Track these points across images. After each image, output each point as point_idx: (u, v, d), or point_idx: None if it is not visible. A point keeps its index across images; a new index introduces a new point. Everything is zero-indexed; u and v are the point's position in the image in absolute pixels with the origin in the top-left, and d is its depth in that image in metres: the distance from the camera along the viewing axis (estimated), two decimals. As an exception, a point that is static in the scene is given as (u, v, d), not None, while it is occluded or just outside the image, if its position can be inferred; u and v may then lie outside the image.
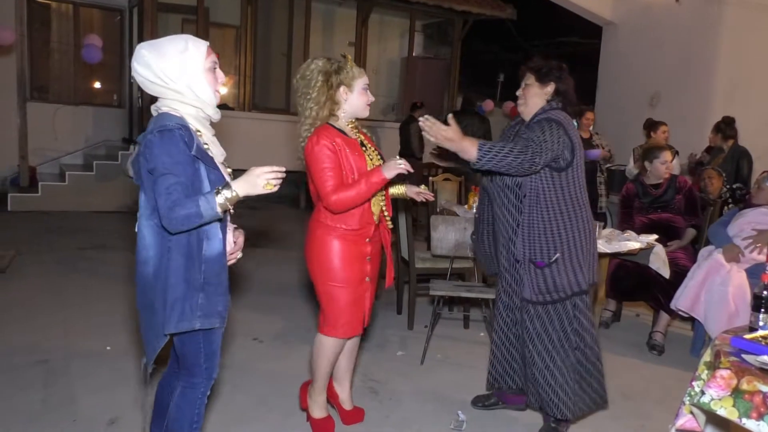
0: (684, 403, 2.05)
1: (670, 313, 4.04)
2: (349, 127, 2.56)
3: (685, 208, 4.30)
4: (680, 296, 3.89)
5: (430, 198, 2.83)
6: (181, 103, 1.91)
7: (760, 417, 1.70)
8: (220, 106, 2.04)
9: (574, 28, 12.07)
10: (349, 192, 2.39)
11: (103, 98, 9.45)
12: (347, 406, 2.82)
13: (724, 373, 1.82)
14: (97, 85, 9.50)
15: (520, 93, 2.74)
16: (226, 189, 1.82)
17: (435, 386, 3.32)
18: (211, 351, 2.00)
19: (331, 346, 2.59)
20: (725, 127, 5.72)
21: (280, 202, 9.62)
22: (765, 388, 1.72)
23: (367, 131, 2.67)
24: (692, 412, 2.03)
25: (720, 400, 1.79)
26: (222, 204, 1.80)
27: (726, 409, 1.77)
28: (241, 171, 1.95)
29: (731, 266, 3.79)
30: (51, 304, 4.25)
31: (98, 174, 7.98)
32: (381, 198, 2.60)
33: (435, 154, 2.75)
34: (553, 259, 2.59)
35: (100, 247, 5.99)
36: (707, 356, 2.03)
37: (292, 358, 3.57)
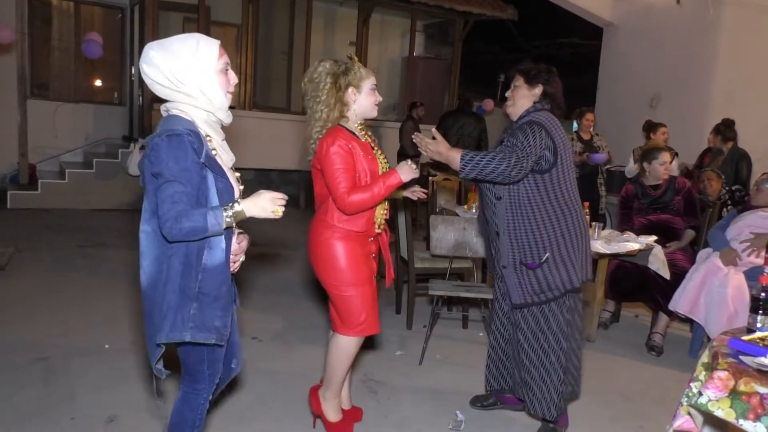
0: (682, 404, 2.06)
1: (669, 314, 4.05)
2: (359, 129, 2.56)
3: (684, 210, 4.31)
4: (679, 299, 3.90)
5: (423, 196, 2.83)
6: (192, 107, 1.85)
7: (757, 418, 1.71)
8: (222, 105, 2.02)
9: (575, 29, 12.07)
10: (365, 194, 2.41)
11: (104, 96, 9.45)
12: (346, 406, 2.82)
13: (721, 375, 1.83)
14: (98, 83, 9.51)
15: (509, 94, 2.77)
16: (235, 206, 1.79)
17: (433, 386, 3.32)
18: (215, 358, 1.96)
19: (351, 347, 2.58)
20: (725, 129, 5.72)
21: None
22: (762, 390, 1.73)
23: (370, 133, 2.68)
24: (690, 413, 2.04)
25: (717, 401, 1.80)
26: (228, 222, 1.78)
27: (723, 410, 1.78)
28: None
29: (729, 269, 3.79)
30: (50, 302, 4.26)
31: (98, 172, 7.98)
32: (385, 202, 2.60)
33: (430, 164, 2.77)
34: (543, 259, 2.60)
35: (100, 245, 5.99)
36: (705, 357, 2.03)
37: (292, 358, 3.58)
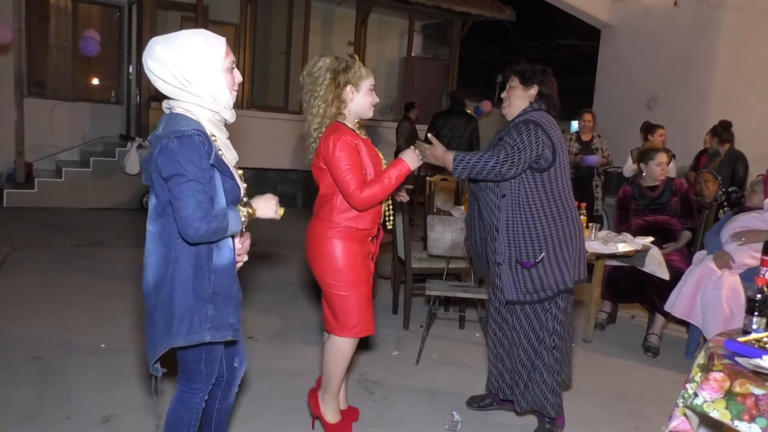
0: (677, 405, 2.06)
1: (666, 316, 4.06)
2: (356, 128, 2.56)
3: (681, 211, 4.31)
4: (675, 302, 3.90)
5: (406, 198, 2.82)
6: (198, 107, 1.82)
7: (752, 419, 1.71)
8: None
9: (573, 30, 12.09)
10: (375, 187, 2.40)
11: (101, 95, 9.43)
12: (342, 406, 2.81)
13: (717, 376, 1.83)
14: (95, 82, 9.49)
15: (505, 95, 2.78)
16: (248, 206, 1.83)
17: (430, 386, 3.32)
18: (212, 358, 1.95)
19: (347, 348, 2.58)
20: (722, 131, 5.73)
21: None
22: (757, 391, 1.73)
23: (364, 132, 2.68)
24: (685, 414, 2.04)
25: (713, 402, 1.80)
26: (244, 222, 1.81)
27: (719, 412, 1.78)
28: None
29: (723, 271, 3.80)
30: (46, 301, 4.24)
31: (95, 170, 7.96)
32: (388, 199, 2.61)
33: (428, 165, 2.79)
34: (539, 259, 2.61)
35: (97, 244, 5.97)
36: (701, 359, 2.04)
37: (289, 357, 3.57)
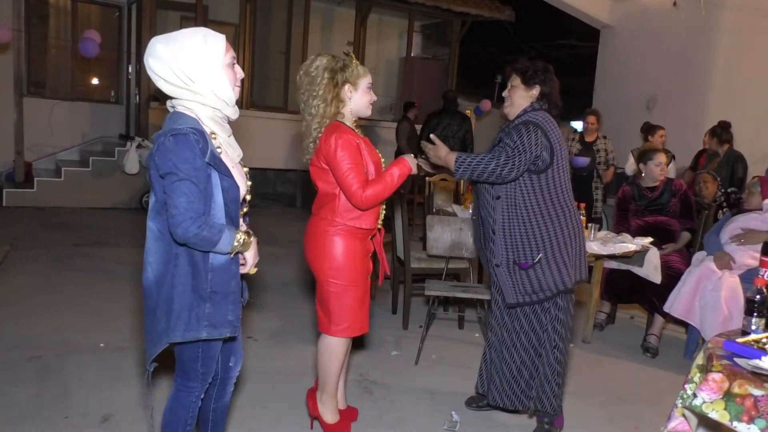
0: (676, 406, 2.06)
1: (665, 316, 4.06)
2: (355, 127, 2.56)
3: (681, 212, 4.32)
4: (674, 302, 3.91)
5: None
6: (198, 104, 1.83)
7: (751, 420, 1.71)
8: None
9: (572, 30, 12.11)
10: (378, 186, 2.41)
11: (101, 94, 9.43)
12: (341, 406, 2.81)
13: (716, 377, 1.83)
14: (95, 81, 9.49)
15: (506, 94, 2.77)
16: (248, 239, 1.85)
17: (429, 386, 3.33)
18: (209, 357, 1.95)
19: (340, 348, 2.57)
20: (721, 132, 5.73)
21: (277, 200, 9.61)
22: (756, 392, 1.73)
23: (362, 131, 2.67)
24: (684, 415, 2.04)
25: (712, 403, 1.80)
26: (235, 247, 1.81)
27: (718, 412, 1.78)
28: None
29: (723, 272, 3.81)
30: (45, 300, 4.24)
31: (94, 170, 7.95)
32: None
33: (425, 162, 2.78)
34: (536, 260, 2.60)
35: (96, 244, 5.97)
36: (700, 359, 2.04)
37: (287, 357, 3.57)
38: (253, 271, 1.97)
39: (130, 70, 9.04)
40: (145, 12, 7.95)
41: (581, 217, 4.14)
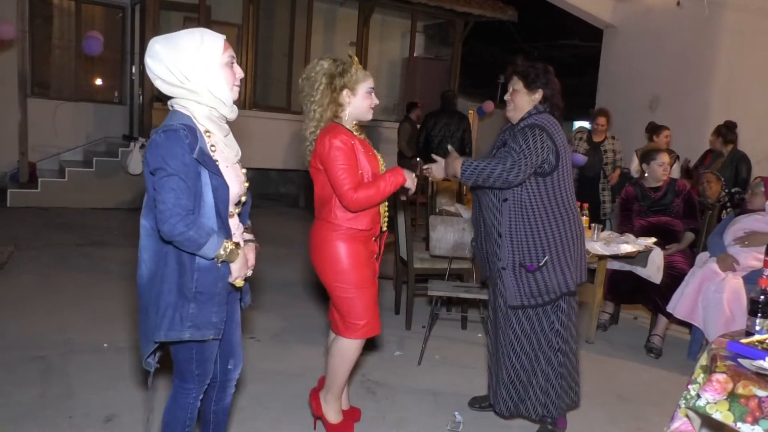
0: (679, 406, 2.05)
1: (668, 317, 4.05)
2: (354, 129, 2.55)
3: (684, 212, 4.31)
4: (677, 303, 3.90)
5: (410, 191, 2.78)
6: (195, 103, 1.83)
7: (755, 421, 1.71)
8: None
9: (575, 30, 12.08)
10: (369, 190, 2.40)
11: (104, 95, 9.45)
12: (344, 406, 2.81)
13: (720, 377, 1.83)
14: (98, 82, 9.51)
15: (508, 98, 2.74)
16: (236, 249, 1.84)
17: (432, 387, 3.32)
18: (204, 358, 1.94)
19: (354, 350, 2.58)
20: (726, 132, 5.71)
21: (279, 200, 9.62)
22: (760, 393, 1.73)
23: (363, 135, 2.65)
24: (688, 416, 2.04)
25: (716, 403, 1.80)
26: (220, 255, 1.80)
27: (721, 413, 1.77)
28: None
29: (726, 274, 3.80)
30: (49, 300, 4.25)
31: (98, 170, 7.98)
32: (385, 202, 2.60)
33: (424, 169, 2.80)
34: (542, 263, 2.60)
35: (99, 244, 5.99)
36: (704, 360, 2.03)
37: (290, 358, 3.57)
38: (240, 284, 1.94)
39: (134, 70, 9.06)
40: (148, 13, 7.97)
41: (584, 218, 4.15)
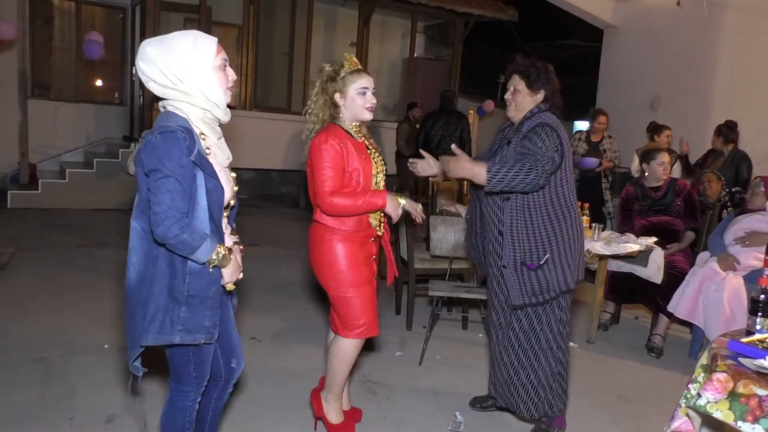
0: (680, 406, 2.06)
1: (669, 316, 4.05)
2: (354, 130, 2.56)
3: (685, 211, 4.30)
4: (678, 303, 3.90)
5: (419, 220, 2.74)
6: (189, 105, 1.83)
7: (756, 420, 1.71)
8: (222, 105, 2.02)
9: (575, 30, 12.08)
10: (346, 200, 2.41)
11: (105, 96, 9.46)
12: (345, 407, 2.81)
13: (720, 376, 1.83)
14: (99, 83, 9.52)
15: (509, 98, 2.72)
16: (228, 254, 1.85)
17: (433, 387, 3.32)
18: (201, 360, 1.94)
19: (352, 349, 2.58)
20: (727, 131, 5.71)
21: (280, 201, 9.63)
22: (761, 392, 1.73)
23: (368, 134, 2.64)
24: (688, 415, 2.04)
25: (716, 402, 1.80)
26: (212, 260, 1.81)
27: (722, 412, 1.78)
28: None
29: (726, 273, 3.79)
30: (50, 301, 4.26)
31: (99, 171, 7.98)
32: (380, 212, 2.59)
33: (413, 165, 2.76)
34: (543, 261, 2.59)
35: (100, 245, 5.99)
36: (704, 359, 2.03)
37: (290, 358, 3.57)
38: (231, 287, 1.96)
39: (134, 71, 9.01)
40: (148, 14, 7.98)
41: (584, 217, 4.15)
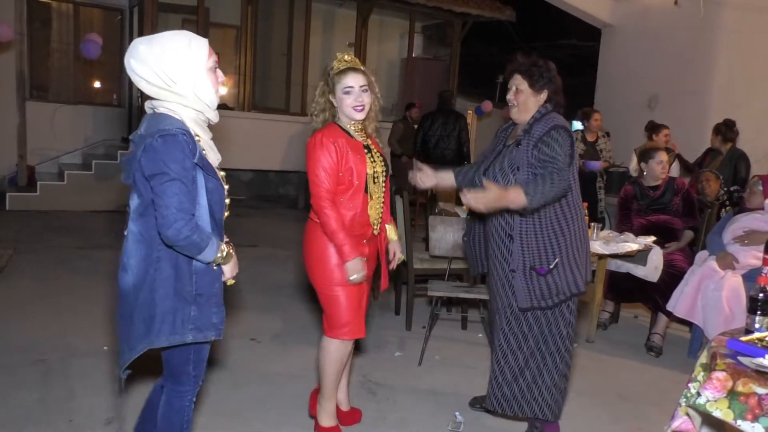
0: (680, 405, 2.06)
1: (668, 315, 4.05)
2: (353, 129, 2.55)
3: (683, 210, 4.31)
4: (677, 301, 3.90)
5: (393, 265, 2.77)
6: (182, 106, 1.83)
7: (755, 419, 1.71)
8: (219, 106, 2.01)
9: (573, 30, 12.09)
10: (333, 222, 2.41)
11: (103, 98, 9.45)
12: (344, 407, 2.82)
13: (719, 375, 1.83)
14: (97, 85, 9.51)
15: (512, 98, 2.67)
16: (231, 253, 1.89)
17: (432, 387, 3.32)
18: (200, 359, 1.96)
19: (338, 349, 2.58)
20: (725, 130, 5.71)
21: (278, 202, 9.62)
22: (760, 390, 1.73)
23: (376, 134, 2.63)
24: (688, 414, 2.04)
25: (716, 401, 1.80)
26: (217, 258, 1.84)
27: (721, 411, 1.78)
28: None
29: (725, 272, 3.80)
30: (49, 303, 4.25)
31: (97, 173, 7.97)
32: (380, 205, 2.59)
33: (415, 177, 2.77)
34: (553, 265, 2.56)
35: (99, 247, 5.98)
36: (703, 358, 2.03)
37: (290, 358, 3.57)
38: (231, 283, 1.99)
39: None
40: (146, 15, 7.96)
41: (584, 217, 4.14)
